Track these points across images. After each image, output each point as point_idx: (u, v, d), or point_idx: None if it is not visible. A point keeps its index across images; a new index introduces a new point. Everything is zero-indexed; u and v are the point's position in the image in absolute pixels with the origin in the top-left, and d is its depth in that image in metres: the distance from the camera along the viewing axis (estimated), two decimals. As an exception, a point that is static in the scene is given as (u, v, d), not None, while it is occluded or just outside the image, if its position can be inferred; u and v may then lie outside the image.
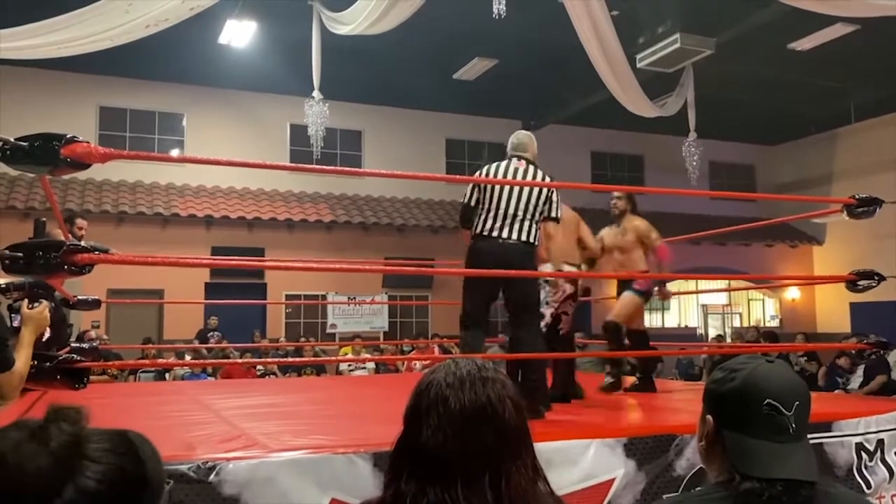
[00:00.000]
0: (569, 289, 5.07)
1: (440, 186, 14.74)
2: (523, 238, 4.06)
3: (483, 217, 4.10)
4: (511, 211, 4.06)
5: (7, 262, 3.21)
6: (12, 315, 2.86)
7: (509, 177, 4.12)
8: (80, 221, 6.35)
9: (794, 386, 1.35)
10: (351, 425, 3.83)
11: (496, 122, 15.28)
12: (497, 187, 4.09)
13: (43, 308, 2.89)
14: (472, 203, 4.17)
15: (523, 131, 4.53)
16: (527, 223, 4.07)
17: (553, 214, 4.22)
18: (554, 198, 4.22)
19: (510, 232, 4.05)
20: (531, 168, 4.20)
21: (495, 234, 4.04)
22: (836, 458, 3.59)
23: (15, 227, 9.76)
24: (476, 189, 4.17)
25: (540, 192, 4.11)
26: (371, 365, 10.62)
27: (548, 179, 4.20)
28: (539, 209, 4.12)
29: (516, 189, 4.07)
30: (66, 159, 3.01)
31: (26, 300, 2.93)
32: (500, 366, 3.38)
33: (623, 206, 5.99)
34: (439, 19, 9.60)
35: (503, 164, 4.21)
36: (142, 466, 0.94)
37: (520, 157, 4.24)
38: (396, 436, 1.26)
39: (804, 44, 11.46)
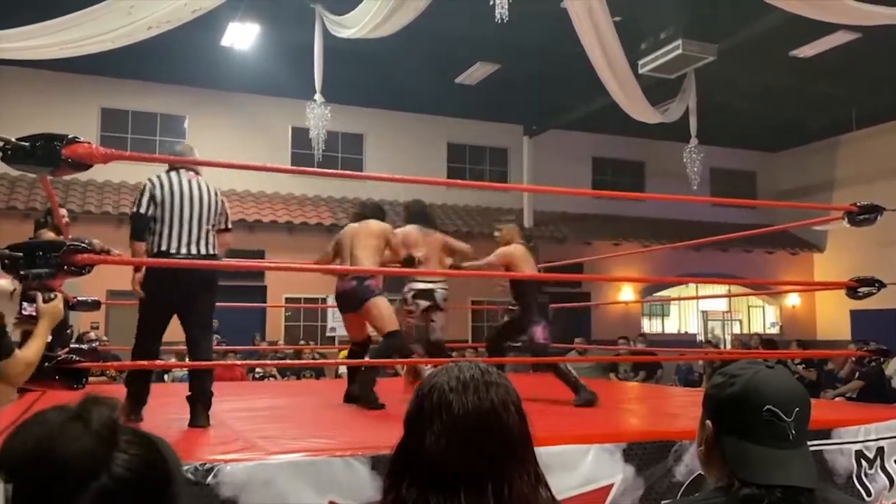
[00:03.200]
0: (422, 304, 5.49)
1: (441, 190, 14.73)
2: (211, 251, 4.07)
3: (162, 233, 3.95)
4: (195, 226, 4.00)
5: (7, 261, 3.21)
6: (25, 303, 2.87)
7: (185, 189, 4.01)
8: (61, 210, 6.32)
9: (794, 392, 1.35)
10: (349, 428, 3.82)
11: (497, 127, 15.30)
12: (177, 202, 3.97)
13: (59, 301, 2.93)
14: (148, 214, 3.97)
15: (185, 143, 4.71)
16: (211, 236, 4.08)
17: (229, 226, 4.24)
18: (228, 211, 4.25)
19: (197, 247, 4.00)
20: (203, 181, 4.14)
21: (184, 250, 3.96)
22: (836, 466, 3.59)
23: (16, 227, 9.75)
24: (151, 201, 3.98)
25: (215, 204, 4.09)
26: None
27: (219, 193, 4.19)
28: (215, 221, 4.11)
29: (196, 203, 4.01)
30: (67, 160, 3.01)
31: (41, 293, 2.96)
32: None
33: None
34: (441, 24, 9.61)
35: (174, 176, 4.06)
36: (166, 463, 0.96)
37: (188, 169, 4.13)
38: (397, 440, 1.24)
39: (806, 51, 11.47)
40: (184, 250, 3.95)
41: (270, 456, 2.78)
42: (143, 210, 3.95)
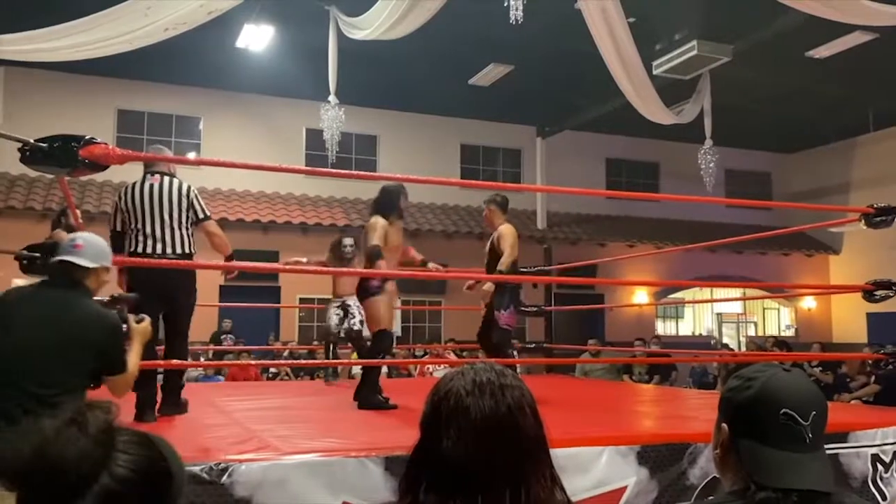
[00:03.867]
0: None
1: (454, 191, 14.74)
2: (183, 251, 4.11)
3: (135, 237, 4.07)
4: (158, 227, 4.05)
5: (25, 261, 3.25)
6: None
7: (146, 194, 4.10)
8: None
9: (811, 395, 1.34)
10: (363, 429, 3.83)
11: (511, 129, 15.28)
12: (139, 206, 4.06)
13: (149, 322, 3.10)
14: (119, 228, 4.14)
15: (156, 145, 4.79)
16: (177, 233, 4.09)
17: (201, 216, 4.21)
18: (196, 203, 4.20)
19: (163, 247, 4.05)
20: (167, 179, 4.18)
21: (150, 251, 4.03)
22: (852, 469, 3.56)
23: (33, 227, 9.83)
24: (118, 213, 4.15)
25: (179, 201, 4.11)
26: (384, 369, 10.61)
27: (185, 188, 4.18)
28: (184, 217, 4.13)
29: (156, 204, 4.06)
30: (84, 160, 3.04)
31: (132, 314, 3.12)
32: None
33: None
34: (455, 25, 9.61)
35: (138, 182, 4.17)
36: (166, 461, 0.97)
37: (153, 173, 4.19)
38: (411, 441, 1.24)
39: (822, 52, 11.38)
40: (155, 251, 4.02)
41: (285, 456, 2.79)
42: (112, 226, 4.15)
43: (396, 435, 3.25)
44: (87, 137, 3.09)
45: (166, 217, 4.06)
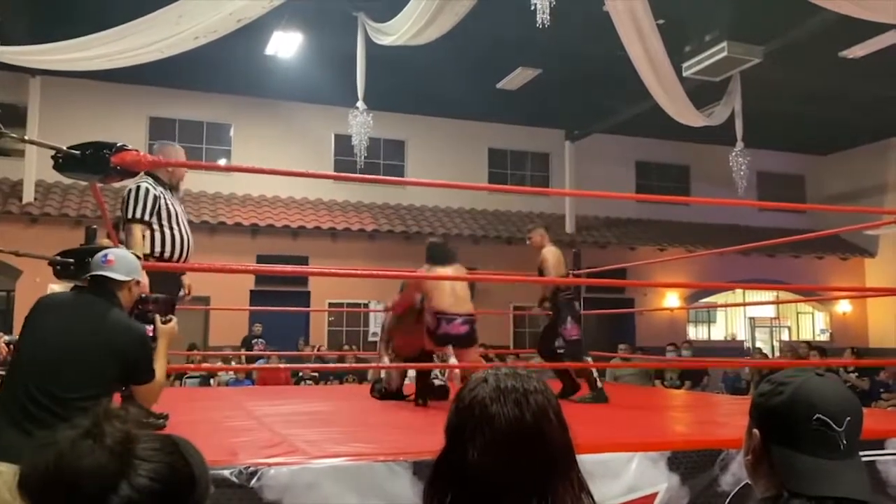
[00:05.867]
0: None
1: (482, 196, 14.73)
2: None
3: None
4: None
5: (59, 267, 3.30)
6: (143, 325, 3.03)
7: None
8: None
9: (845, 400, 1.30)
10: (391, 433, 3.83)
11: (539, 132, 15.24)
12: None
13: (175, 323, 3.13)
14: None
15: (161, 142, 4.52)
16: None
17: (129, 216, 3.94)
18: (130, 203, 3.94)
19: None
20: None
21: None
22: (890, 477, 3.48)
23: (67, 234, 10.00)
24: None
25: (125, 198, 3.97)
26: (412, 372, 10.61)
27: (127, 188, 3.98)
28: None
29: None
30: (115, 167, 3.09)
31: (158, 315, 3.15)
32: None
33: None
34: (482, 29, 9.61)
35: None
36: (189, 466, 0.96)
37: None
38: (437, 452, 1.23)
39: (856, 51, 11.20)
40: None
41: (313, 460, 2.80)
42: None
43: (424, 439, 3.25)
44: (118, 144, 3.13)
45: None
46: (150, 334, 3.09)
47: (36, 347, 2.70)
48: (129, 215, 3.94)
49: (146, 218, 3.93)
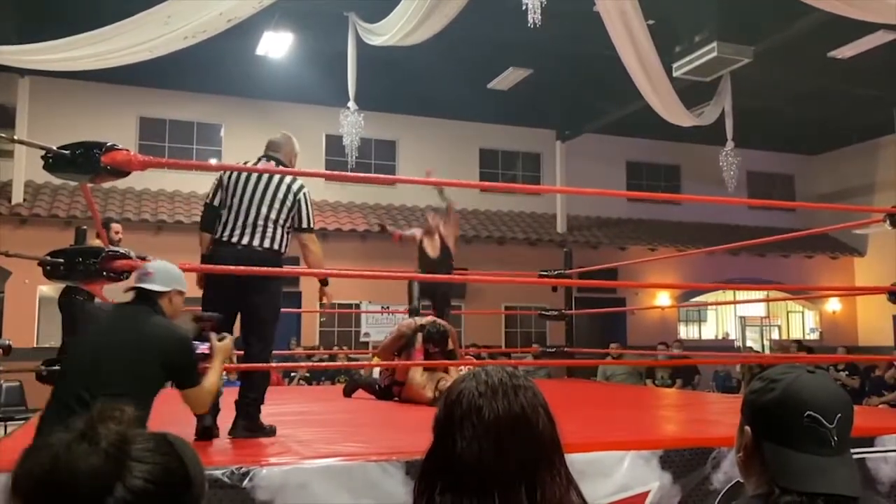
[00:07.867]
0: None
1: (474, 196, 14.73)
2: (266, 244, 3.73)
3: (224, 220, 3.74)
4: (253, 214, 3.70)
5: (49, 267, 3.29)
6: (198, 342, 3.11)
7: (252, 177, 3.77)
8: (115, 226, 6.44)
9: (836, 398, 1.31)
10: (383, 433, 3.83)
11: (530, 132, 15.25)
12: (240, 188, 3.74)
13: (230, 340, 3.21)
14: (215, 203, 3.78)
15: (283, 132, 4.26)
16: (270, 228, 3.73)
17: (304, 226, 3.86)
18: (304, 211, 3.86)
19: (251, 237, 3.71)
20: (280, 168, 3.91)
21: (235, 239, 3.70)
22: (879, 474, 3.50)
23: (57, 235, 9.95)
24: (220, 188, 3.80)
25: (285, 197, 3.78)
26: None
27: (296, 185, 3.87)
28: (286, 215, 3.79)
29: (259, 190, 3.74)
30: (106, 167, 3.08)
31: (214, 332, 3.22)
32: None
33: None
34: (473, 30, 9.62)
35: (251, 162, 3.92)
36: (184, 466, 0.96)
37: (269, 157, 3.96)
38: (427, 447, 1.24)
39: (845, 52, 11.26)
40: (240, 240, 3.71)
41: (306, 460, 2.80)
42: (209, 199, 3.84)
43: (417, 439, 3.24)
44: (108, 144, 3.12)
45: (264, 209, 3.73)
46: (207, 352, 3.09)
47: (82, 353, 2.88)
48: (309, 224, 3.92)
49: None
